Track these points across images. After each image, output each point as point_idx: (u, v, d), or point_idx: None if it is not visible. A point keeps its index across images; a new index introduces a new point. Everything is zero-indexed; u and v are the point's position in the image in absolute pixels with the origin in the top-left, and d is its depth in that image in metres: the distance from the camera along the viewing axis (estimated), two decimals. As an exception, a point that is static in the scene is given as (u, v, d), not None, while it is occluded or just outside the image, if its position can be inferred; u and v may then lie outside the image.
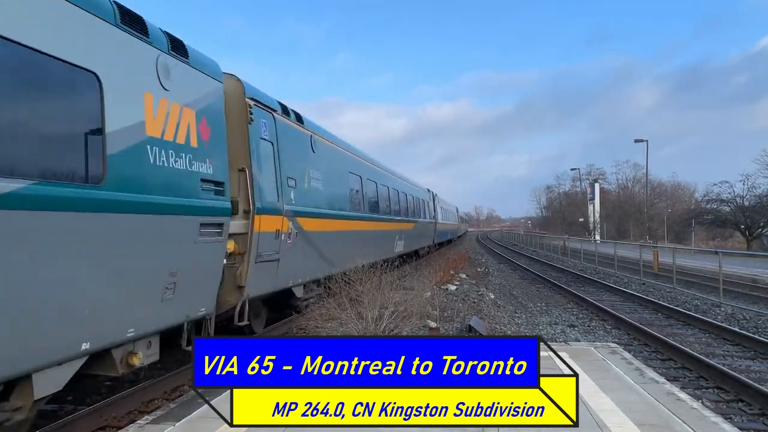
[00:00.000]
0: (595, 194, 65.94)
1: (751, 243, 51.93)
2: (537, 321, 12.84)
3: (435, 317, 9.69)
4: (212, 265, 6.36)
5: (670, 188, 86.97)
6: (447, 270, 17.96)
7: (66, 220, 4.18)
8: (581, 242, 38.47)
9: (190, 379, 6.73)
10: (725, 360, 8.91)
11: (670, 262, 20.31)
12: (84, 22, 4.57)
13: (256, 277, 7.38)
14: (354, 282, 8.77)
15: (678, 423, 4.24)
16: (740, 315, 13.20)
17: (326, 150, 11.34)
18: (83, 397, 6.29)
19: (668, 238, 66.45)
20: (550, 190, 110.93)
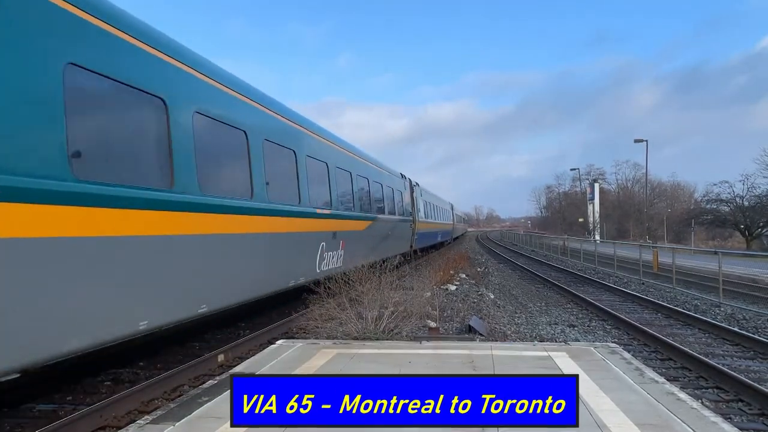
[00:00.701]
0: (595, 194, 65.97)
1: (750, 243, 51.99)
2: (537, 321, 12.84)
3: (435, 317, 9.68)
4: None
5: (670, 188, 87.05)
6: (447, 270, 17.95)
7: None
8: (581, 242, 38.47)
9: (191, 379, 6.77)
10: (725, 360, 8.91)
11: (670, 262, 20.31)
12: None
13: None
14: (354, 282, 8.77)
15: (678, 423, 4.24)
16: (740, 315, 13.21)
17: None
18: (83, 397, 6.30)
19: (668, 238, 66.44)
20: (550, 190, 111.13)
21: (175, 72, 6.57)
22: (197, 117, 6.86)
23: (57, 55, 4.80)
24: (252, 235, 7.99)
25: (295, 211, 9.75)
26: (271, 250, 8.74)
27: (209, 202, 6.82)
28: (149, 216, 5.72)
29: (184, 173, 6.39)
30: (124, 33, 5.69)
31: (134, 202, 5.48)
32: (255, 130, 8.45)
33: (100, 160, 5.41)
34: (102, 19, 5.39)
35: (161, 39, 6.42)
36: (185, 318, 6.45)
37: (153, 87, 6.07)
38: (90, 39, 5.25)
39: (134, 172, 5.76)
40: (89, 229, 4.90)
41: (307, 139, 11.03)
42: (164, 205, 5.97)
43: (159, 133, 6.19)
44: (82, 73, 5.09)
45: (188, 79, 6.85)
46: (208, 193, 6.83)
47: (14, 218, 4.21)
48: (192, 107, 6.79)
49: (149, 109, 6.12)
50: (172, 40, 6.77)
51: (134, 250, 5.47)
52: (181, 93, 6.64)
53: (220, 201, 7.12)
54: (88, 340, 4.97)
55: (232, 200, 7.48)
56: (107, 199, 5.12)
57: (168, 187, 6.13)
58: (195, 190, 6.53)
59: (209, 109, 7.20)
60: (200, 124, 6.92)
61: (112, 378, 7.05)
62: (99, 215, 5.02)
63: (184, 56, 6.83)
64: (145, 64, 6.03)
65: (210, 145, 7.23)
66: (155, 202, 5.83)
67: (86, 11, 5.19)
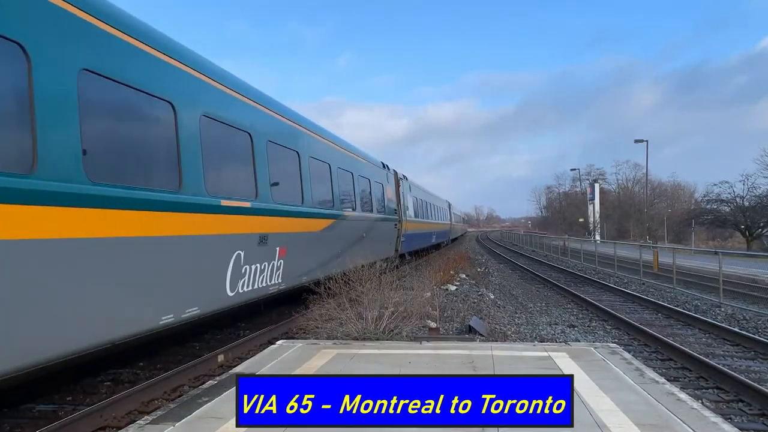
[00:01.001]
0: (595, 194, 66.02)
1: (751, 243, 51.98)
2: (537, 321, 12.84)
3: (435, 317, 9.69)
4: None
5: (670, 188, 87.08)
6: (447, 270, 17.95)
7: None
8: (581, 242, 38.46)
9: (191, 379, 6.77)
10: (725, 360, 8.91)
11: (670, 262, 20.30)
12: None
13: None
14: (354, 282, 8.77)
15: (678, 423, 4.24)
16: (740, 315, 13.20)
17: None
18: (83, 397, 6.30)
19: (668, 238, 66.45)
20: (550, 190, 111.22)
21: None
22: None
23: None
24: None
25: (169, 202, 6.10)
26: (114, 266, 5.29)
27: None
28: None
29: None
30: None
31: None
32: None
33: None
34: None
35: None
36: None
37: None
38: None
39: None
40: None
41: (220, 95, 7.58)
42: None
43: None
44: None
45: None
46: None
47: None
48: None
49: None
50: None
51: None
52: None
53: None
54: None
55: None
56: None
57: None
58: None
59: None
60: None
61: (112, 378, 7.05)
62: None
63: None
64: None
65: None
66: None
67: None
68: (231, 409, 4.64)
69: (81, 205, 4.82)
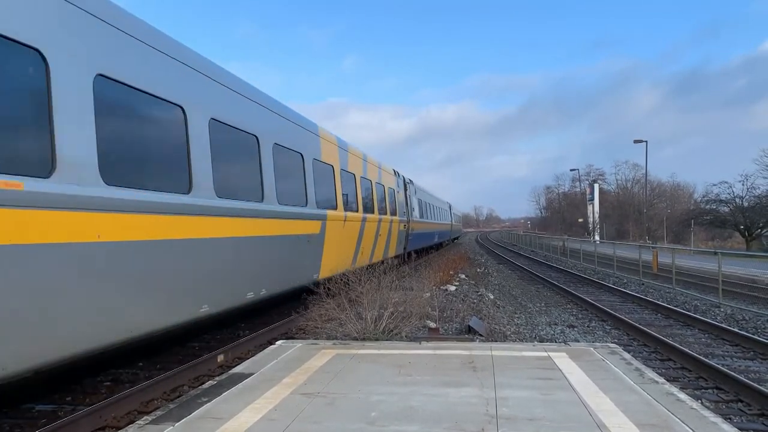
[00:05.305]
0: (595, 195, 66.02)
1: (750, 243, 52.00)
2: (536, 321, 12.84)
3: (435, 317, 9.68)
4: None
5: (670, 189, 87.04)
6: (447, 270, 17.95)
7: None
8: (580, 243, 38.47)
9: (190, 379, 6.77)
10: (724, 360, 8.92)
11: (670, 262, 20.32)
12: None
13: None
14: (353, 283, 8.76)
15: (677, 423, 4.24)
16: (739, 315, 13.21)
17: None
18: (83, 397, 6.30)
19: (667, 238, 66.45)
20: (550, 190, 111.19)
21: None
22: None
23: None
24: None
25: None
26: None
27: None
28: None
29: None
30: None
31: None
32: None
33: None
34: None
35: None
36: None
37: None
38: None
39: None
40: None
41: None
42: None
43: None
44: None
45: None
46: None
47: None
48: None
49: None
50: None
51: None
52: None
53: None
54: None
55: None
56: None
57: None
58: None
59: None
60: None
61: (111, 378, 7.05)
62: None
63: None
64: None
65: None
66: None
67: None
68: (231, 410, 4.65)
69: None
